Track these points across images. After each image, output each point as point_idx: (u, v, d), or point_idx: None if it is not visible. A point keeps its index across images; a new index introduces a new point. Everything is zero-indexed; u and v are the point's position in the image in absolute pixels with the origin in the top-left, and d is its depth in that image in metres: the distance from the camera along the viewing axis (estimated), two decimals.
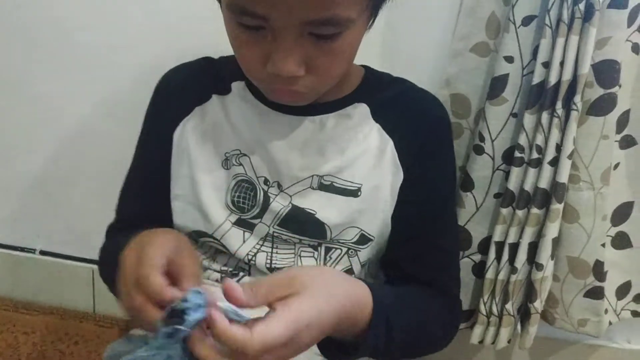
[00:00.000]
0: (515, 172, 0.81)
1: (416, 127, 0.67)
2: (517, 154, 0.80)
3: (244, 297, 0.45)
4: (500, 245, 0.85)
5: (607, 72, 0.76)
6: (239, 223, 0.67)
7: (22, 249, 1.14)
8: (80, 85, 1.00)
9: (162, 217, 0.70)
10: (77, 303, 1.14)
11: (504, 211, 0.83)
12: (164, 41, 0.93)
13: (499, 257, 0.85)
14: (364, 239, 0.67)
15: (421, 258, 0.68)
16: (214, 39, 0.73)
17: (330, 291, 0.50)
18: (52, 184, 1.08)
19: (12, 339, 1.06)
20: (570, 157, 0.78)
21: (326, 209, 0.66)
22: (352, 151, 0.66)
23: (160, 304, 0.47)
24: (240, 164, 0.67)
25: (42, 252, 1.13)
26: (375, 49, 0.87)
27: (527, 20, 0.76)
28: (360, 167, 0.66)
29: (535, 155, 0.79)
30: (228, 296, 0.45)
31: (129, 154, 0.73)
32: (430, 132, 0.69)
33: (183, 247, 0.52)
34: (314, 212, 0.66)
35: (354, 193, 0.66)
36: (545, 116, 0.77)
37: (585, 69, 0.74)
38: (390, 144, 0.67)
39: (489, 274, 0.87)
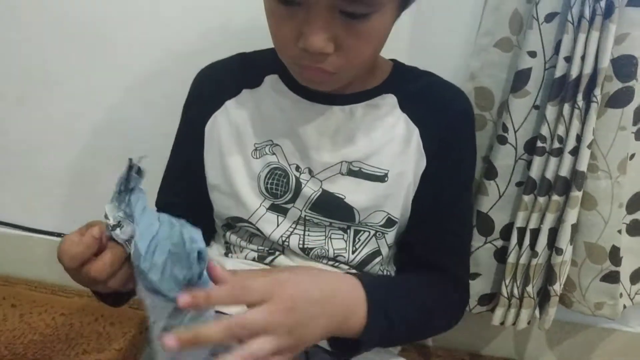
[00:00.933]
0: (537, 161, 0.85)
1: (441, 118, 0.70)
2: (539, 143, 0.84)
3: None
4: (522, 231, 0.89)
5: (625, 66, 0.80)
6: (273, 208, 0.70)
7: (60, 235, 1.18)
8: (115, 80, 1.04)
9: (199, 208, 0.75)
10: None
11: (526, 198, 0.87)
12: (198, 37, 0.97)
13: (520, 242, 0.89)
14: (390, 222, 0.70)
15: (433, 241, 0.71)
16: (245, 34, 0.77)
17: (309, 269, 0.57)
18: (89, 175, 1.13)
19: (51, 319, 1.10)
20: (589, 147, 0.82)
21: (354, 193, 0.69)
22: (380, 139, 0.69)
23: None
24: (274, 153, 0.70)
25: None
26: (403, 44, 0.91)
27: (549, 17, 0.80)
28: (387, 154, 0.69)
29: (556, 145, 0.83)
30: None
31: (163, 146, 0.77)
32: (454, 123, 0.71)
33: None
34: (343, 197, 0.69)
35: (381, 178, 0.69)
36: (566, 108, 0.81)
37: (605, 63, 0.78)
38: (416, 132, 0.70)
39: (511, 258, 0.90)
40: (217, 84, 0.74)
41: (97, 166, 1.11)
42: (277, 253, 0.72)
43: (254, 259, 0.73)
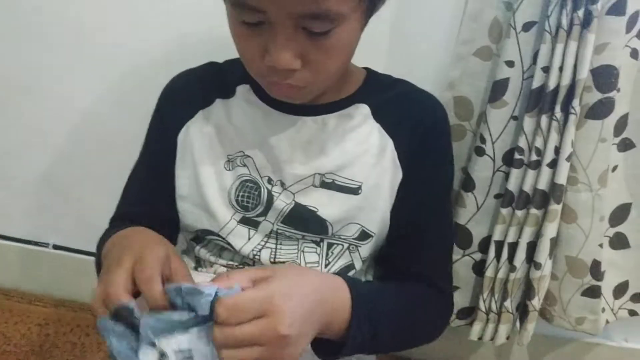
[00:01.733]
0: (515, 173, 0.83)
1: (415, 128, 0.69)
2: (516, 155, 0.82)
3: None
4: (499, 245, 0.87)
5: (605, 77, 0.78)
6: (244, 221, 0.69)
7: (36, 243, 1.17)
8: (93, 85, 1.02)
9: (163, 219, 0.72)
10: (88, 296, 1.17)
11: (504, 211, 0.85)
12: (176, 43, 0.96)
13: (498, 256, 0.88)
14: (364, 235, 0.69)
15: (414, 253, 0.70)
16: (224, 42, 0.76)
17: (301, 271, 0.56)
18: (65, 181, 1.11)
19: (26, 330, 1.09)
20: (568, 159, 0.80)
21: (327, 206, 0.68)
22: (353, 150, 0.68)
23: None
24: (245, 165, 0.69)
25: (55, 247, 1.16)
26: (382, 53, 0.90)
27: (527, 26, 0.78)
28: (361, 166, 0.68)
29: (534, 157, 0.81)
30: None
31: (138, 152, 0.76)
32: (429, 132, 0.70)
33: (172, 254, 0.55)
34: (315, 210, 0.68)
35: (355, 191, 0.68)
36: (544, 119, 0.79)
37: (584, 74, 0.76)
38: (390, 143, 0.68)
39: (489, 272, 0.89)
40: (190, 93, 0.73)
41: (73, 172, 1.10)
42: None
43: None
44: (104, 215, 0.76)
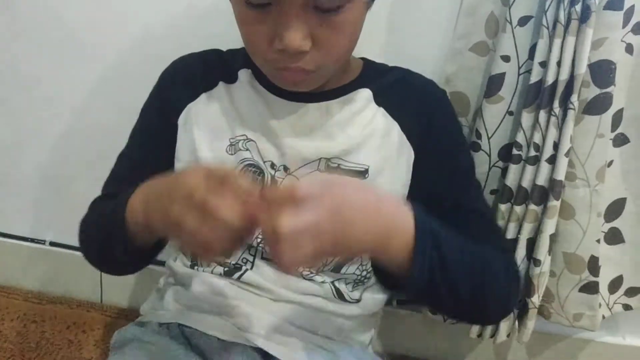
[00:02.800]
0: (513, 169, 0.83)
1: (419, 107, 0.71)
2: (515, 151, 0.82)
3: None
4: None
5: (603, 72, 0.77)
6: None
7: (32, 240, 1.16)
8: (87, 84, 1.02)
9: None
10: (84, 293, 1.17)
11: (503, 207, 0.85)
12: (169, 40, 0.94)
13: None
14: None
15: (461, 225, 0.64)
16: (218, 39, 0.76)
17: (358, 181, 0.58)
18: (60, 178, 1.10)
19: (22, 327, 1.08)
20: (567, 155, 0.79)
21: None
22: (358, 134, 0.69)
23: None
24: (247, 149, 0.69)
25: (52, 243, 1.16)
26: (377, 47, 0.89)
27: (523, 21, 0.78)
28: (366, 150, 0.68)
29: (533, 153, 0.80)
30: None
31: None
32: (433, 108, 0.72)
33: None
34: None
35: (362, 174, 0.68)
36: (542, 115, 0.79)
37: (582, 68, 0.75)
38: (396, 126, 0.69)
39: None
40: (192, 75, 0.73)
41: (68, 169, 1.09)
42: (245, 268, 0.70)
43: (220, 274, 0.71)
44: None
